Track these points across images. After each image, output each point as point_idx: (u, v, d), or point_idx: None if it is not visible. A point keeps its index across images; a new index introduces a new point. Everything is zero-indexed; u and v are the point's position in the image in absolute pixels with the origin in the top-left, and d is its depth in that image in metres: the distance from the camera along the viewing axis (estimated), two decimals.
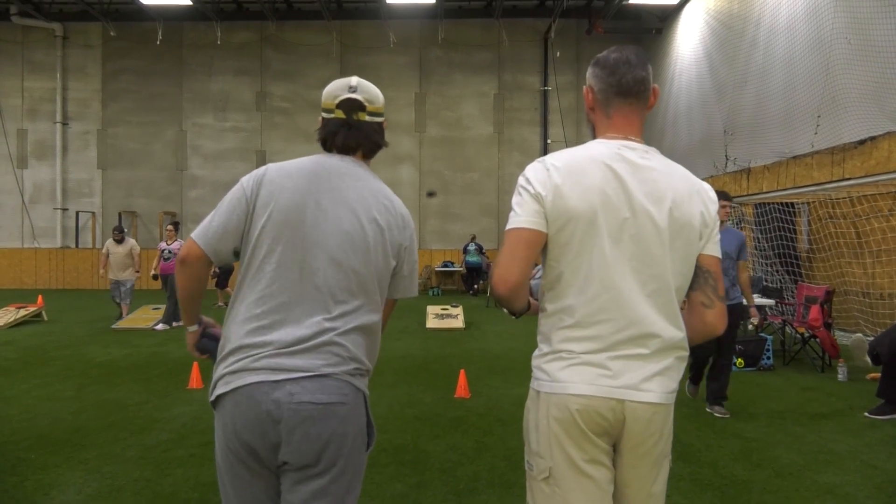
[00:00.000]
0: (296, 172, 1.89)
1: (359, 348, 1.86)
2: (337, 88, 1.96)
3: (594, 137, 1.88)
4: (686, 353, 1.82)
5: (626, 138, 1.81)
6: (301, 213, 1.83)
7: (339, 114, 1.95)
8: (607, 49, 1.86)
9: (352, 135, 1.95)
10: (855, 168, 9.15)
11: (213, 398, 1.85)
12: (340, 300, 1.83)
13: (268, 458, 1.80)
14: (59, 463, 4.36)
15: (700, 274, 1.82)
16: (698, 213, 1.78)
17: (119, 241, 11.74)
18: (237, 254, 1.92)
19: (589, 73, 1.88)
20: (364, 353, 1.88)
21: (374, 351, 1.94)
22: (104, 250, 11.88)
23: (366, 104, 1.96)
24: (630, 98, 1.81)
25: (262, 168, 1.93)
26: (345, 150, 1.97)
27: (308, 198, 1.85)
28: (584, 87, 1.90)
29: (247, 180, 1.90)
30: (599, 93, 1.84)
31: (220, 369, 1.85)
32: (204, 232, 1.87)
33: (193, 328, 2.07)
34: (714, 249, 1.83)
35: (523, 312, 1.89)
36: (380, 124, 2.02)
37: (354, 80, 1.98)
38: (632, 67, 1.80)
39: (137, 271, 11.91)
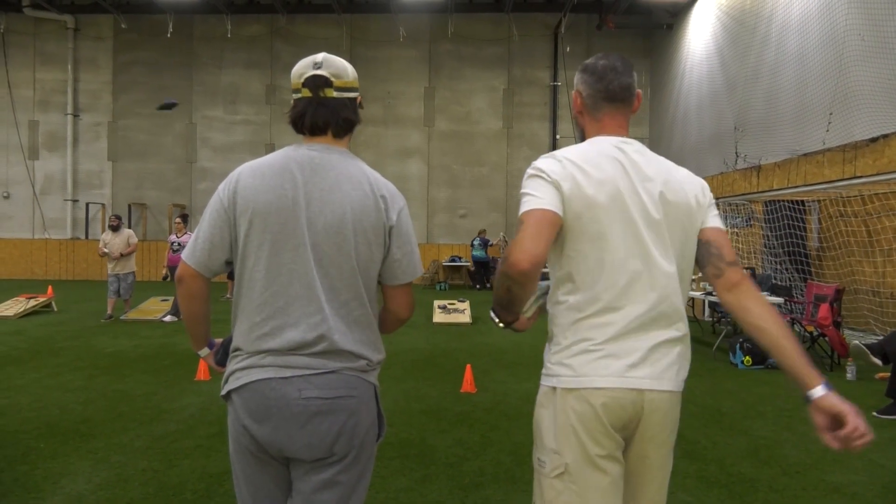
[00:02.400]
0: (268, 171, 1.84)
1: (362, 346, 1.85)
2: (302, 67, 1.89)
3: (583, 139, 1.94)
4: (689, 337, 1.85)
5: (620, 136, 1.89)
6: (280, 215, 1.80)
7: (306, 92, 1.87)
8: (594, 56, 1.95)
9: (319, 113, 1.86)
10: (867, 166, 9.07)
11: (223, 393, 1.88)
12: (330, 297, 1.81)
13: (277, 454, 1.82)
14: (67, 452, 4.40)
15: (702, 247, 1.86)
16: (693, 197, 1.85)
17: (115, 228, 11.02)
18: (230, 263, 1.90)
19: (577, 78, 1.95)
20: (368, 348, 1.87)
21: (376, 342, 1.92)
22: (101, 244, 11.12)
23: (332, 79, 1.86)
24: (617, 102, 1.88)
25: (236, 172, 1.88)
26: (314, 129, 1.88)
27: (284, 199, 1.80)
28: (573, 92, 1.97)
29: (222, 190, 1.86)
30: (588, 98, 1.91)
31: (230, 366, 1.88)
32: (192, 251, 1.86)
33: (204, 352, 2.04)
34: (714, 221, 1.88)
35: (513, 322, 1.86)
36: (352, 100, 1.92)
37: (320, 56, 1.89)
38: (619, 74, 1.88)
39: (123, 255, 10.96)
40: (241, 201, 1.82)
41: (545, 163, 1.80)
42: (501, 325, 1.86)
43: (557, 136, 19.95)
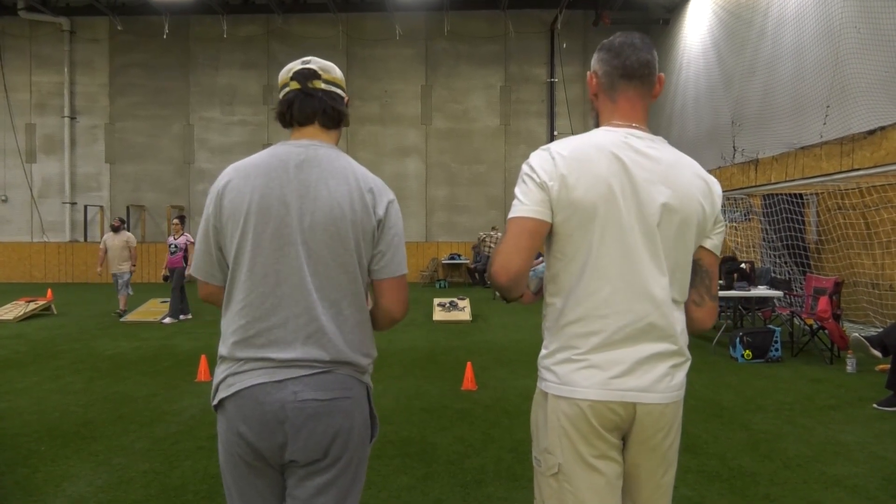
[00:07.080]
0: (253, 171, 1.83)
1: (352, 347, 1.82)
2: (290, 65, 1.93)
3: (597, 125, 1.84)
4: (685, 348, 1.78)
5: (630, 126, 1.78)
6: (266, 215, 1.77)
7: (294, 84, 1.88)
8: (612, 35, 1.85)
9: (307, 103, 1.87)
10: (864, 158, 9.08)
11: (215, 402, 1.83)
12: (320, 297, 1.78)
13: (273, 458, 1.78)
14: (69, 455, 4.40)
15: (697, 271, 1.80)
16: (699, 206, 1.74)
17: (116, 230, 11.70)
18: None
19: (594, 58, 1.85)
20: (359, 350, 1.84)
21: (368, 342, 1.88)
22: (101, 245, 11.79)
23: (320, 72, 1.88)
24: (635, 81, 1.78)
25: (221, 177, 1.87)
26: (302, 120, 1.89)
27: (270, 198, 1.78)
28: (589, 73, 1.87)
29: (210, 196, 1.85)
30: (604, 76, 1.81)
31: (218, 373, 1.83)
32: (196, 266, 1.89)
33: None
34: (714, 246, 1.80)
35: (516, 299, 1.87)
36: (339, 95, 1.92)
37: (308, 57, 1.93)
38: (637, 50, 1.78)
39: (134, 265, 11.85)
40: (228, 205, 1.80)
41: (537, 159, 1.73)
42: (506, 301, 1.87)
43: (555, 133, 19.95)
